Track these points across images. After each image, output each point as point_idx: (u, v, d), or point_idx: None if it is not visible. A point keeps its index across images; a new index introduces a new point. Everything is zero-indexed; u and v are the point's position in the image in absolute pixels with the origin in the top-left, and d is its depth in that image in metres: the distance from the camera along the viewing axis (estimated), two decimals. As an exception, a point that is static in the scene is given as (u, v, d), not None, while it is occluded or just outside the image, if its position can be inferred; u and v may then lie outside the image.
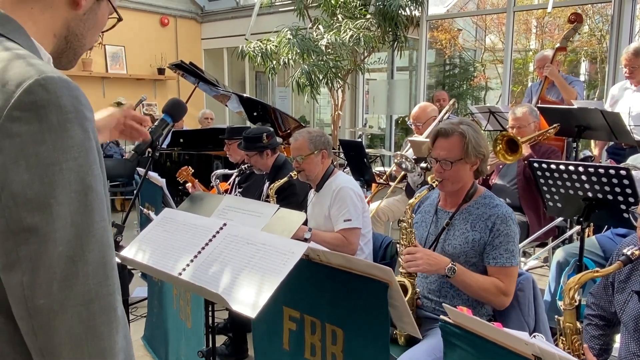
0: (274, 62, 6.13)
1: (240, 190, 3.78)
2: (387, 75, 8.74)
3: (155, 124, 1.69)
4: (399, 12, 6.05)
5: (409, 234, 2.13)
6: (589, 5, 9.34)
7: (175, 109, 1.72)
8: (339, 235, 2.69)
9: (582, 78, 10.63)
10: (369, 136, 9.06)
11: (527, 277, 2.19)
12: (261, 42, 6.24)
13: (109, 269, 0.78)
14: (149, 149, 1.70)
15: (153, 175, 3.28)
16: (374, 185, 4.57)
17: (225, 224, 1.45)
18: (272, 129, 3.52)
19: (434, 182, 2.13)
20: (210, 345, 1.85)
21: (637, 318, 1.67)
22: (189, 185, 3.81)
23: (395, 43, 6.51)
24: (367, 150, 6.32)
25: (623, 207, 2.29)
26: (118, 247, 1.65)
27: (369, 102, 8.51)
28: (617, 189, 2.27)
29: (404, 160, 3.82)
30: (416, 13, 6.68)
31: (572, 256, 2.84)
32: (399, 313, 1.61)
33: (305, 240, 2.58)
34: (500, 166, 3.64)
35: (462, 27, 11.42)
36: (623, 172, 2.23)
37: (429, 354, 1.90)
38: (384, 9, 5.96)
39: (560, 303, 1.55)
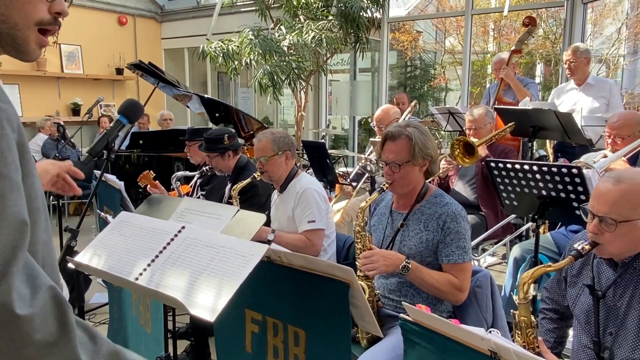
0: (236, 62, 6.08)
1: (202, 192, 3.73)
2: (350, 76, 8.81)
3: (111, 125, 1.65)
4: (360, 13, 6.10)
5: (363, 238, 2.15)
6: (544, 9, 9.67)
7: (131, 110, 1.69)
8: (302, 237, 2.69)
9: (537, 80, 10.99)
10: (333, 137, 9.10)
11: (485, 274, 2.24)
12: (222, 42, 6.18)
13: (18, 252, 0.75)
14: (105, 151, 1.65)
15: (111, 178, 3.20)
16: (337, 186, 4.59)
17: (183, 227, 1.42)
18: (233, 130, 3.49)
19: (384, 184, 2.16)
20: (171, 350, 1.81)
21: (588, 311, 1.74)
22: (149, 188, 3.73)
23: (357, 44, 6.57)
24: (330, 151, 6.36)
25: (575, 204, 2.37)
26: (72, 253, 1.60)
27: (331, 103, 8.55)
28: (570, 187, 2.35)
29: (368, 163, 3.86)
30: (377, 15, 6.75)
31: (528, 252, 2.92)
32: (361, 313, 1.62)
33: (269, 242, 2.57)
34: (459, 166, 3.72)
35: (422, 29, 11.62)
36: (575, 171, 2.32)
37: (389, 352, 1.92)
38: (346, 10, 6.00)
39: (515, 298, 1.59)
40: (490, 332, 1.21)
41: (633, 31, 11.07)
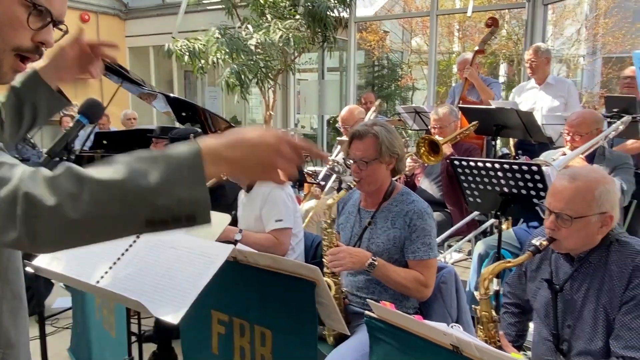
0: (203, 61, 6.02)
1: (168, 192, 3.67)
2: (318, 75, 8.84)
3: (70, 125, 1.61)
4: (327, 13, 6.13)
5: (330, 235, 2.16)
6: (506, 10, 9.90)
7: (91, 110, 1.64)
8: (269, 236, 2.68)
9: (501, 79, 11.25)
10: (302, 136, 9.10)
11: (450, 270, 2.28)
12: (189, 40, 6.10)
13: None
14: (65, 152, 1.61)
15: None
16: (306, 185, 4.60)
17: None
18: (199, 130, 3.45)
19: (351, 182, 2.18)
20: (135, 354, 1.78)
21: (547, 304, 1.79)
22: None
23: (325, 44, 6.59)
24: (298, 150, 6.35)
25: (535, 201, 2.44)
26: (30, 256, 1.55)
27: (300, 103, 8.56)
28: (530, 184, 2.42)
29: (335, 164, 3.88)
30: (344, 14, 6.79)
31: (492, 248, 2.99)
32: (327, 311, 1.63)
33: (236, 242, 2.55)
34: (425, 164, 3.78)
35: (389, 29, 11.74)
36: (534, 168, 2.38)
37: (357, 349, 1.94)
38: (313, 9, 6.01)
39: (476, 293, 1.63)
40: (452, 326, 1.24)
41: (592, 32, 11.45)
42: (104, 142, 5.57)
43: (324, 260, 2.15)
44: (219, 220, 1.46)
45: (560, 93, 4.29)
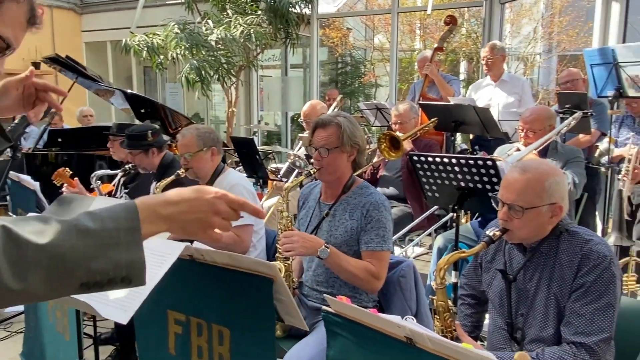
0: (162, 57, 5.90)
1: (125, 191, 3.59)
2: (281, 72, 8.80)
3: (15, 122, 1.55)
4: (289, 9, 6.11)
5: (286, 219, 2.20)
6: (465, 8, 10.10)
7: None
8: (230, 234, 2.65)
9: (461, 77, 11.48)
10: (266, 133, 9.06)
11: (409, 264, 2.32)
12: (147, 35, 5.97)
13: None
14: (9, 149, 1.55)
15: (25, 179, 3.00)
16: (270, 182, 4.57)
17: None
18: (157, 127, 3.38)
19: (312, 169, 2.20)
20: (88, 356, 1.74)
21: (501, 294, 1.84)
22: (66, 187, 3.54)
23: (288, 40, 6.57)
24: (261, 147, 6.32)
25: (490, 194, 2.49)
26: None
27: (263, 99, 8.50)
28: (485, 178, 2.47)
29: (297, 159, 3.87)
30: (306, 11, 6.78)
31: (451, 242, 3.05)
32: (286, 308, 1.63)
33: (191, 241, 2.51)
34: (386, 160, 3.82)
35: (352, 26, 11.80)
36: (489, 163, 2.44)
37: (317, 345, 1.94)
38: (274, 5, 5.98)
39: (433, 283, 1.65)
40: (406, 319, 1.25)
41: (547, 31, 11.80)
42: (59, 139, 5.40)
43: (277, 245, 2.16)
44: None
45: (515, 90, 4.41)
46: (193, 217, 0.90)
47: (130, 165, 3.36)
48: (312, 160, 2.47)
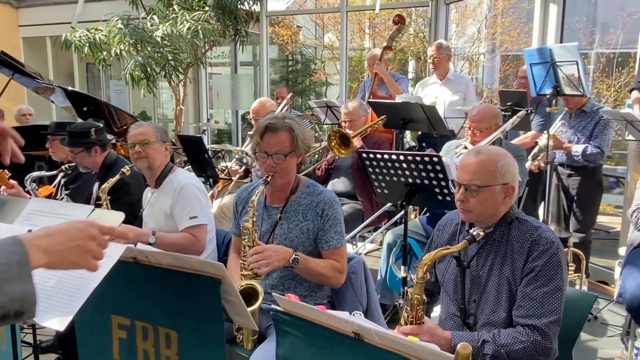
0: (105, 53, 5.69)
1: (67, 192, 3.44)
2: (231, 69, 8.69)
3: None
4: (238, 6, 6.03)
5: (252, 234, 2.09)
6: (413, 8, 10.30)
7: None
8: (186, 235, 2.59)
9: (410, 75, 11.69)
10: (216, 132, 8.92)
11: (359, 260, 2.34)
12: (89, 31, 5.74)
13: None
14: None
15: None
16: (220, 181, 4.50)
17: (30, 231, 1.29)
18: (101, 125, 3.26)
19: (267, 176, 2.14)
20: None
21: (455, 281, 1.90)
22: (3, 189, 3.36)
23: (237, 37, 6.48)
24: (211, 145, 6.22)
25: (437, 190, 2.55)
26: None
27: (213, 97, 8.37)
28: (432, 175, 2.53)
29: (244, 155, 3.83)
30: (255, 8, 6.71)
31: (400, 237, 3.09)
32: (236, 308, 1.60)
33: (151, 245, 2.43)
34: (337, 157, 3.84)
35: (302, 24, 11.80)
36: (435, 159, 2.49)
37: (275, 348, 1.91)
38: (222, 2, 5.88)
39: (413, 276, 1.70)
40: (354, 314, 1.26)
41: (491, 31, 12.19)
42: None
43: (242, 261, 2.09)
44: (112, 218, 1.37)
45: (459, 88, 4.53)
46: (71, 246, 0.97)
47: (68, 165, 3.23)
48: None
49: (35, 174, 3.45)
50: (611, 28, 9.42)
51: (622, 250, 3.07)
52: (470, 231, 1.77)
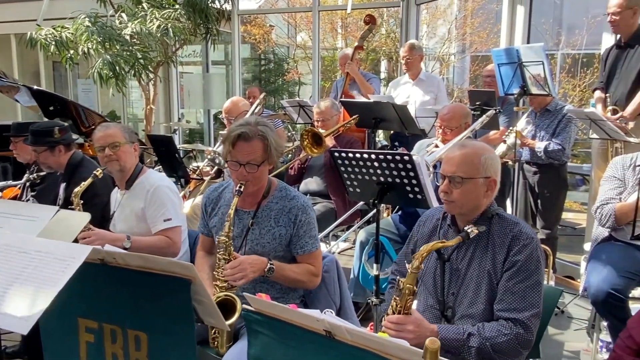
0: (72, 51, 5.55)
1: (33, 194, 3.35)
2: (203, 69, 8.58)
3: None
4: (209, 4, 5.96)
5: (228, 247, 2.05)
6: (384, 8, 10.38)
7: None
8: (161, 237, 2.55)
9: (382, 75, 11.79)
10: (187, 131, 8.81)
11: (331, 259, 2.35)
12: (55, 29, 5.59)
13: None
14: None
15: None
16: (192, 182, 4.44)
17: (-8, 233, 1.26)
18: (65, 124, 3.18)
19: (240, 186, 2.07)
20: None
21: (435, 274, 1.93)
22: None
23: (208, 36, 6.40)
24: (182, 145, 6.13)
25: (408, 188, 2.57)
26: None
27: (184, 96, 8.26)
28: (403, 173, 2.54)
29: (216, 155, 3.79)
30: (227, 6, 6.65)
31: (372, 235, 3.11)
32: (207, 309, 1.59)
33: (126, 249, 2.37)
34: (309, 157, 3.84)
35: (274, 23, 11.76)
36: (407, 158, 2.51)
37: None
38: (193, 0, 5.81)
39: (408, 266, 1.72)
40: (325, 312, 1.26)
41: (461, 32, 12.39)
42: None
43: (215, 272, 2.07)
44: (77, 220, 1.34)
45: (431, 88, 4.59)
46: None
47: (37, 174, 3.14)
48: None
49: (2, 184, 3.36)
50: (576, 29, 9.69)
51: (588, 246, 3.15)
52: (465, 228, 1.80)
